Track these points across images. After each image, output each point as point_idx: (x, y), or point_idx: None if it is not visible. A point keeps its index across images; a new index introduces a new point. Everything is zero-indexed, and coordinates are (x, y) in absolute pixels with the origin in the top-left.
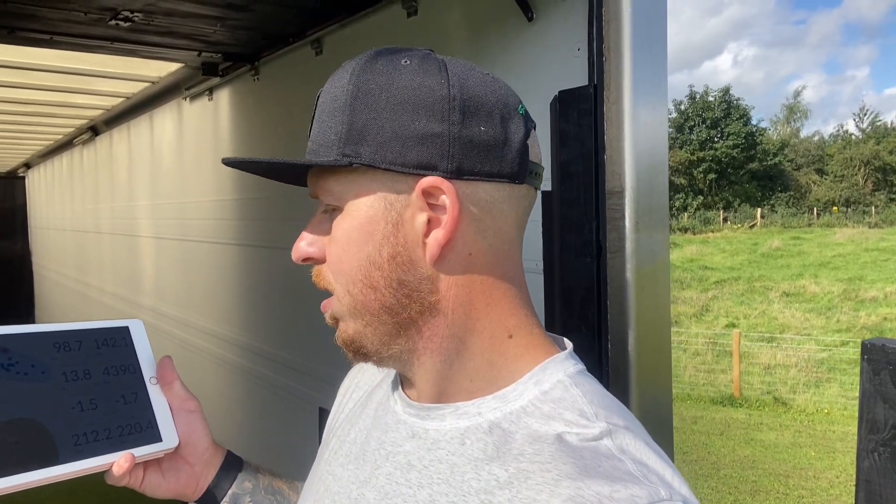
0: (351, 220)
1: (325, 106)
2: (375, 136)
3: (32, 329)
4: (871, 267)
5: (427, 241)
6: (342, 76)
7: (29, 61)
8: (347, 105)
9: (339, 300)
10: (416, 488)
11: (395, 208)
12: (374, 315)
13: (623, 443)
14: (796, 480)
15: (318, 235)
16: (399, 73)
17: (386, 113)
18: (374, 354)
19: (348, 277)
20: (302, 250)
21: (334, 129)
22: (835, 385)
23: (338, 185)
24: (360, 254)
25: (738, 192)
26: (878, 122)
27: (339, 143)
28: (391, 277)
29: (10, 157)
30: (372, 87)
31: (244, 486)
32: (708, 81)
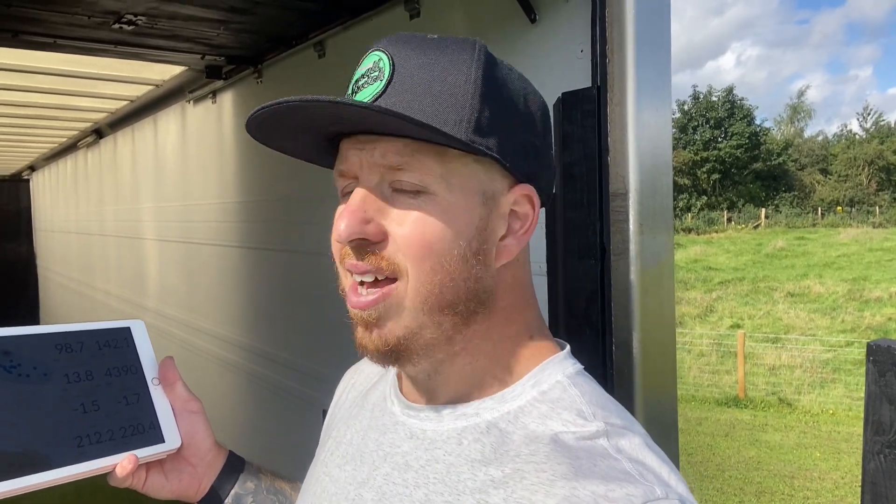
0: (447, 208)
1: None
2: (501, 133)
3: (34, 331)
4: (875, 267)
5: (503, 245)
6: (460, 58)
7: (33, 65)
8: (477, 93)
9: (405, 289)
10: (413, 488)
11: (488, 206)
12: (441, 310)
13: (620, 442)
14: (801, 481)
15: (374, 212)
16: (511, 75)
17: (508, 114)
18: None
19: (434, 265)
20: (356, 227)
21: (458, 111)
22: (840, 385)
23: (441, 167)
24: (454, 244)
25: (742, 193)
26: (882, 121)
27: (468, 129)
28: (471, 274)
29: (14, 160)
30: (496, 84)
31: (246, 486)
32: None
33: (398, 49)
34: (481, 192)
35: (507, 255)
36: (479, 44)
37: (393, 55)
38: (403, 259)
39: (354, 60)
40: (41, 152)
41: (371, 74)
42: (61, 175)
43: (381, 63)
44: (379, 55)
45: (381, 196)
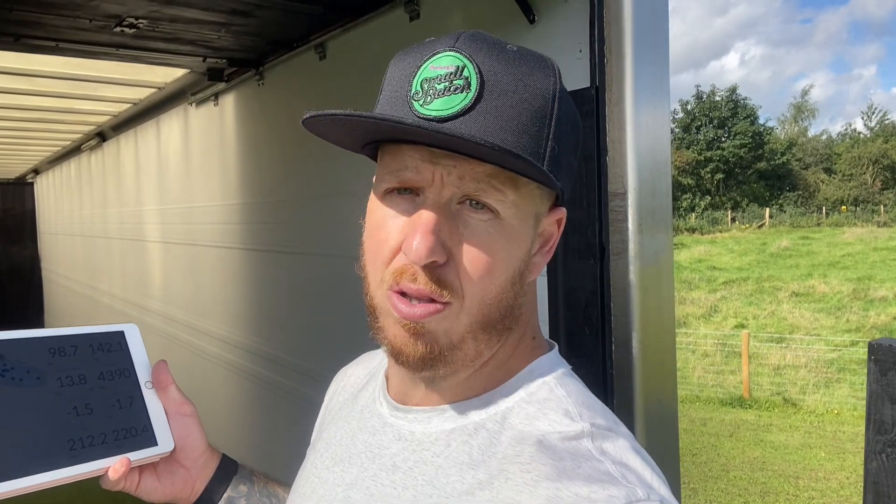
0: (512, 232)
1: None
2: (563, 161)
3: (27, 334)
4: (880, 266)
5: (534, 262)
6: (544, 81)
7: (35, 68)
8: (553, 120)
9: (458, 311)
10: (401, 489)
11: (535, 229)
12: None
13: (604, 444)
14: (806, 482)
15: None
16: (570, 99)
17: (569, 141)
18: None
19: (490, 289)
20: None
21: (540, 140)
22: (845, 385)
23: (515, 193)
24: (510, 268)
25: (745, 192)
26: (887, 120)
27: (548, 158)
28: (516, 293)
29: (18, 163)
30: (565, 110)
31: (240, 489)
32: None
33: (483, 58)
34: (535, 216)
35: (536, 272)
36: (555, 65)
37: (480, 65)
38: (462, 282)
39: (355, 62)
40: (45, 155)
41: (454, 82)
42: (65, 178)
43: (467, 72)
44: (461, 61)
45: (451, 216)
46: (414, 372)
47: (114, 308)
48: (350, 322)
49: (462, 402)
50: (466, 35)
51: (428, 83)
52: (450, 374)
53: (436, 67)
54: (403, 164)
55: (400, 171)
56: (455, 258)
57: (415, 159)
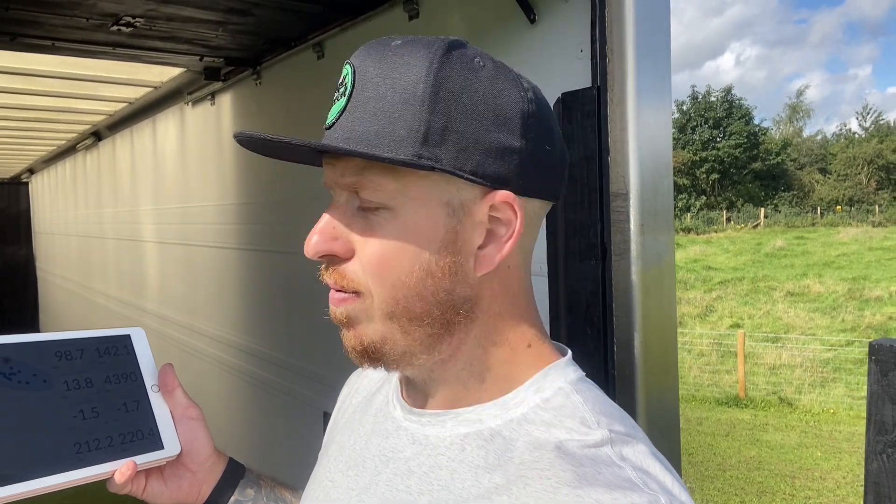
0: (406, 223)
1: (384, 91)
2: (456, 141)
3: (34, 338)
4: (875, 266)
5: (482, 254)
6: (413, 65)
7: (31, 67)
8: (427, 101)
9: (369, 303)
10: (417, 495)
11: (457, 217)
12: (411, 322)
13: (624, 450)
14: (802, 481)
15: (343, 230)
16: (476, 75)
17: (468, 118)
18: (397, 361)
19: (395, 283)
20: (322, 245)
21: (407, 125)
22: (840, 385)
23: (395, 183)
24: (415, 260)
25: (741, 192)
26: (882, 120)
27: (414, 142)
28: (441, 287)
29: (13, 162)
30: (453, 88)
31: (246, 493)
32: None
33: (361, 60)
34: (445, 203)
35: (487, 265)
36: (440, 43)
37: (356, 67)
38: (364, 276)
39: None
40: (40, 155)
41: (339, 89)
42: (60, 178)
43: (347, 77)
44: (347, 68)
45: (350, 212)
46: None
47: (109, 308)
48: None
49: (475, 406)
50: (366, 44)
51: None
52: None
53: (338, 79)
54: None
55: (322, 177)
56: (357, 254)
57: (324, 164)
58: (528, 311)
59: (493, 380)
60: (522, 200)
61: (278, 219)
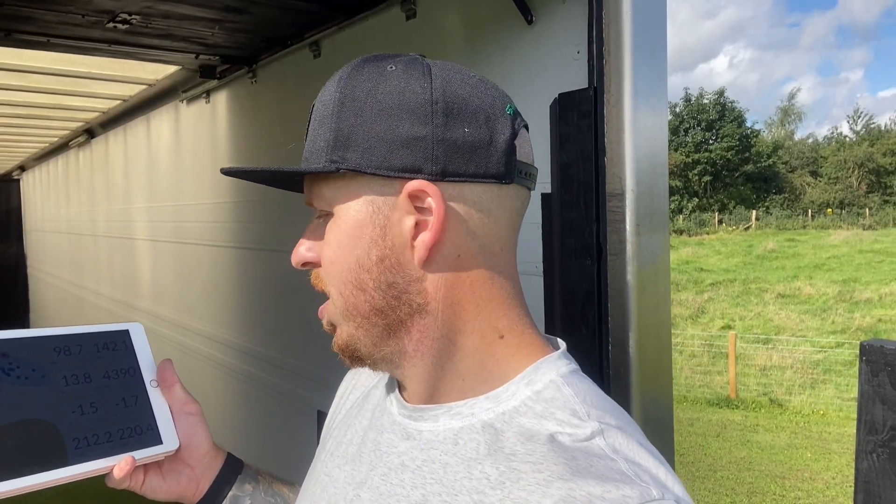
0: (340, 224)
1: (316, 114)
2: (361, 141)
3: (32, 333)
4: (865, 268)
5: (415, 244)
6: (331, 85)
7: (25, 64)
8: (335, 112)
9: (333, 303)
10: (410, 488)
11: (382, 212)
12: (364, 317)
13: (615, 442)
14: (793, 482)
15: (315, 240)
16: (384, 78)
17: (371, 118)
18: (368, 358)
19: (339, 279)
20: (300, 255)
21: (323, 137)
22: (830, 386)
23: (328, 190)
24: (350, 257)
25: (732, 194)
26: (872, 124)
27: (328, 150)
28: (380, 280)
29: (4, 159)
30: (358, 94)
31: (245, 488)
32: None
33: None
34: (369, 202)
35: (424, 251)
36: (358, 59)
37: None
38: (326, 280)
39: (351, 61)
40: (32, 152)
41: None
42: (52, 175)
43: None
44: None
45: (317, 224)
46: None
47: (101, 307)
48: None
49: (468, 400)
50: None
51: None
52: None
53: None
54: None
55: None
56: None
57: None
58: (495, 301)
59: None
60: (444, 186)
61: (272, 217)
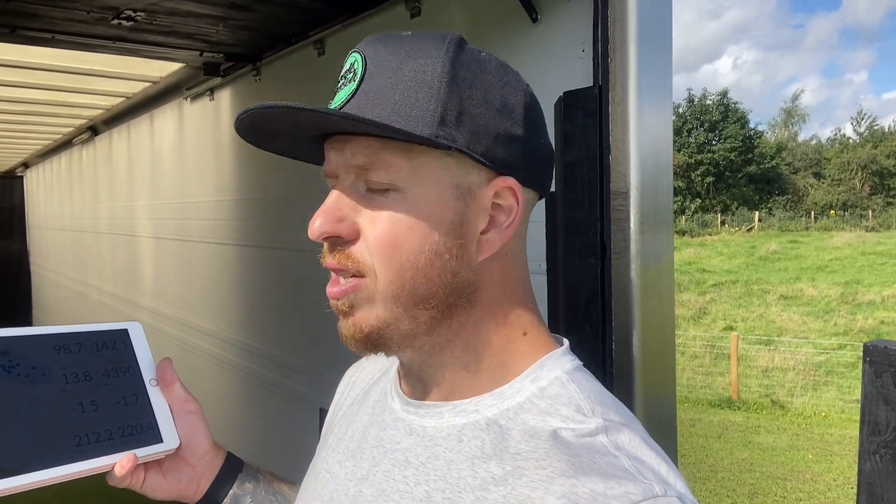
0: (418, 204)
1: (400, 77)
2: (470, 125)
3: (32, 331)
4: (868, 270)
5: (484, 239)
6: (428, 53)
7: (30, 60)
8: (443, 86)
9: (373, 285)
10: (413, 485)
11: (464, 200)
12: (416, 304)
13: (619, 439)
14: (794, 483)
15: (348, 211)
16: (485, 67)
17: (479, 105)
18: (399, 345)
19: (399, 262)
20: (327, 227)
21: (423, 106)
22: (832, 388)
23: (408, 163)
24: (425, 241)
25: (735, 196)
26: (876, 126)
27: (432, 122)
28: (446, 269)
29: (8, 156)
30: (466, 76)
31: (245, 486)
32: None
33: (371, 48)
34: (454, 186)
35: (488, 250)
36: (452, 36)
37: (366, 55)
38: (371, 257)
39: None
40: (36, 149)
41: (347, 76)
42: (55, 172)
43: (356, 64)
44: (355, 56)
45: (356, 195)
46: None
47: (103, 304)
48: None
49: (472, 397)
50: (372, 35)
51: (336, 84)
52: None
53: (342, 69)
54: (325, 158)
55: (323, 165)
56: (365, 235)
57: (327, 151)
58: (525, 298)
59: (488, 367)
60: (525, 189)
61: (275, 215)
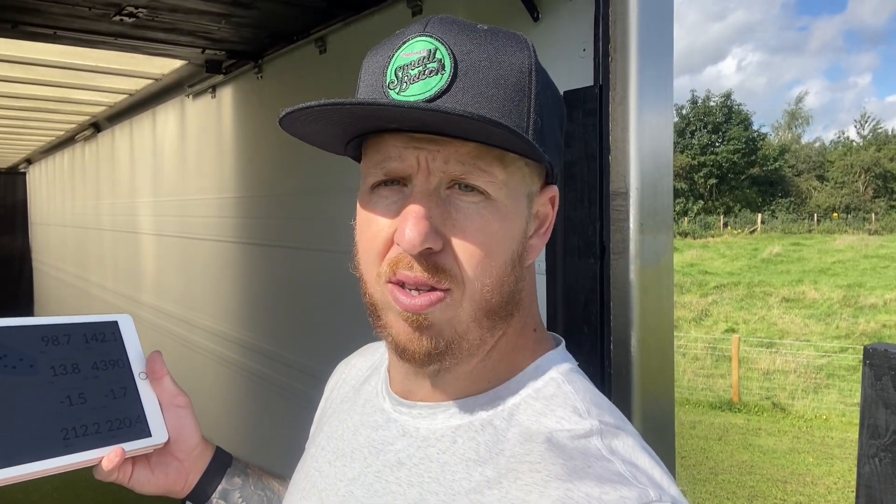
0: (506, 213)
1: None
2: (549, 138)
3: (20, 322)
4: (870, 274)
5: (531, 244)
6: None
7: (32, 56)
8: (535, 92)
9: (459, 299)
10: (406, 486)
11: (529, 209)
12: (488, 315)
13: (613, 443)
14: (794, 486)
15: (436, 220)
16: (545, 71)
17: (549, 115)
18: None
19: (489, 273)
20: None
21: (523, 112)
22: (833, 391)
23: (503, 172)
24: (507, 250)
25: (738, 198)
26: (880, 129)
27: (534, 132)
28: (514, 275)
29: (11, 152)
30: (545, 85)
31: (234, 481)
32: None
33: (454, 38)
34: (528, 195)
35: (534, 255)
36: (528, 40)
37: (451, 46)
38: (460, 269)
39: (356, 57)
40: (38, 145)
41: (427, 65)
42: (58, 168)
43: (440, 54)
44: (433, 44)
45: (442, 201)
46: (420, 367)
47: (105, 300)
48: (343, 317)
49: (468, 398)
50: (435, 19)
51: (402, 71)
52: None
53: (408, 54)
54: (387, 154)
55: (384, 163)
56: (450, 244)
57: (398, 147)
58: (533, 295)
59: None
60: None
61: (277, 213)
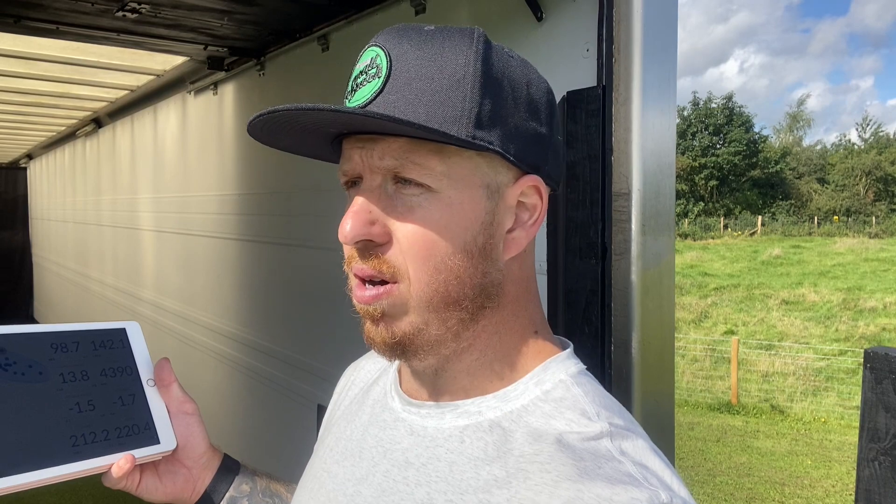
0: (450, 204)
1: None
2: (503, 125)
3: (29, 329)
4: (870, 277)
5: (510, 237)
6: (458, 50)
7: (34, 51)
8: (477, 85)
9: (407, 290)
10: (414, 486)
11: (493, 200)
12: (447, 306)
13: (624, 444)
14: (792, 489)
15: (379, 214)
16: (510, 64)
17: (508, 104)
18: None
19: (433, 264)
20: (361, 230)
21: (458, 105)
22: (832, 394)
23: (441, 164)
24: (456, 241)
25: (738, 200)
26: (881, 132)
27: (468, 123)
28: (476, 269)
29: (12, 147)
30: (495, 74)
31: (241, 489)
32: (713, 88)
33: (395, 43)
34: (485, 186)
35: (515, 248)
36: (478, 32)
37: (390, 50)
38: (405, 261)
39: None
40: (39, 140)
41: (369, 72)
42: (59, 164)
43: (379, 59)
44: (376, 51)
45: (385, 196)
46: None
47: (105, 296)
48: (343, 316)
49: (476, 398)
50: (390, 28)
51: (355, 80)
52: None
53: (360, 64)
54: (343, 157)
55: (342, 165)
56: (397, 237)
57: (348, 150)
58: (535, 296)
59: (498, 368)
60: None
61: (278, 210)
